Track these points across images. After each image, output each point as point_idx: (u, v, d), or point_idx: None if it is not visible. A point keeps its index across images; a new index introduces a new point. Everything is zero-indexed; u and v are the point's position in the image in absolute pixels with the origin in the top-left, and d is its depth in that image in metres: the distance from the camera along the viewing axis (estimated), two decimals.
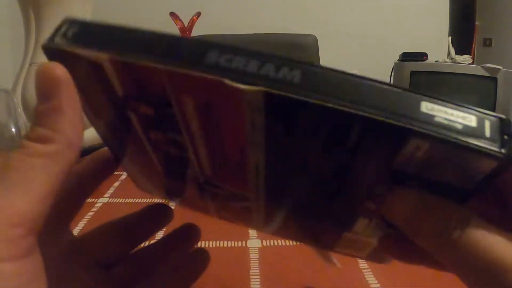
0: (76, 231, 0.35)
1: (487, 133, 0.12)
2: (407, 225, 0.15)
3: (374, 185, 0.16)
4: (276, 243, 0.33)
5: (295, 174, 0.17)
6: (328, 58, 1.57)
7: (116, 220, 0.22)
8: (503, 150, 0.12)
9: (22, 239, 0.13)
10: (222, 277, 0.29)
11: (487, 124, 0.12)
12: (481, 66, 1.75)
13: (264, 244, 0.33)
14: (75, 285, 0.18)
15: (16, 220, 0.13)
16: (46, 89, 0.15)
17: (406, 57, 1.87)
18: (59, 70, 0.14)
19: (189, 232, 0.25)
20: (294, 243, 0.33)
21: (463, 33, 2.07)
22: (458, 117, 0.12)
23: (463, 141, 0.12)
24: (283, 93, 0.12)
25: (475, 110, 0.13)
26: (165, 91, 0.14)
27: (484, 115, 0.13)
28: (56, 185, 0.14)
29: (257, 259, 0.31)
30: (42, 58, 0.15)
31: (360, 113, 0.12)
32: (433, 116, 0.12)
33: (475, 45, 2.07)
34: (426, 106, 0.12)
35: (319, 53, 1.42)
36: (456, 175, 0.14)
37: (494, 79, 1.74)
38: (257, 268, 0.29)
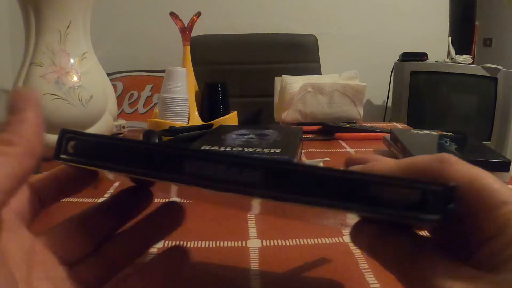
0: None
1: (430, 203, 0.14)
2: (369, 251, 0.18)
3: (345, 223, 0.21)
4: (276, 243, 0.33)
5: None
6: (328, 58, 1.57)
7: (75, 215, 0.21)
8: (440, 217, 0.14)
9: None
10: (222, 277, 0.29)
11: (430, 197, 0.14)
12: (481, 66, 1.75)
13: (264, 244, 0.33)
14: (41, 286, 0.18)
15: None
16: (16, 104, 0.16)
17: (406, 57, 1.87)
18: (30, 93, 0.17)
19: (166, 225, 0.24)
20: (294, 243, 0.33)
21: (463, 33, 2.07)
22: (407, 195, 0.15)
23: (406, 216, 0.14)
24: (248, 195, 0.16)
25: (422, 184, 0.14)
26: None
27: (429, 188, 0.14)
28: (6, 186, 0.14)
29: (257, 259, 0.31)
30: (42, 58, 0.16)
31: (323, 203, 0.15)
32: (381, 198, 0.15)
33: (475, 45, 2.07)
34: (375, 190, 0.15)
35: (319, 53, 1.42)
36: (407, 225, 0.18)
37: (494, 79, 1.74)
38: (257, 268, 0.29)
